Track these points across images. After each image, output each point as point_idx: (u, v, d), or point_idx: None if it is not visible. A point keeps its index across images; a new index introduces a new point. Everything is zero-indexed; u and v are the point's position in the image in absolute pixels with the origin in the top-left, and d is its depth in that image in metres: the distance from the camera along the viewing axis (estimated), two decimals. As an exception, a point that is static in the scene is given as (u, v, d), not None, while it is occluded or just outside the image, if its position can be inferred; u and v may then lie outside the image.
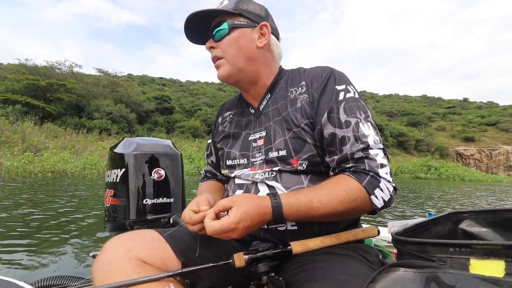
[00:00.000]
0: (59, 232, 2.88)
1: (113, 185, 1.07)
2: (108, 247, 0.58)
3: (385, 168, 0.61)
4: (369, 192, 0.59)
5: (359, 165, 0.61)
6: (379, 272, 0.43)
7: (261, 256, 0.58)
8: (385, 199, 0.60)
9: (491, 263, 0.34)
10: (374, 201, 0.59)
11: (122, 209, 1.04)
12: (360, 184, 0.59)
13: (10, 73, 17.45)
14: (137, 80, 42.31)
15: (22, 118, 13.86)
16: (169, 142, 1.20)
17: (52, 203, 4.27)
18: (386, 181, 0.60)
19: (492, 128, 46.61)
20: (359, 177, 0.60)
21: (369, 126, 0.65)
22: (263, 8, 0.77)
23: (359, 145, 0.62)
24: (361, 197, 0.59)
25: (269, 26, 0.74)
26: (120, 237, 0.61)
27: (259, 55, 0.75)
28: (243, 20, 0.72)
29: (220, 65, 0.74)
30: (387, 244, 0.88)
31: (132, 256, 0.56)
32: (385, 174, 0.60)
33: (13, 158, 8.80)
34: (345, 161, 0.63)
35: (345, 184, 0.60)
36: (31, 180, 6.89)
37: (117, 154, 1.10)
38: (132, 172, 1.05)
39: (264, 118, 0.76)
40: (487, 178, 26.86)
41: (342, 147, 0.63)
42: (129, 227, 1.02)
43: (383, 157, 0.62)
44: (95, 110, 18.29)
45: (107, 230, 1.10)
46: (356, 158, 0.62)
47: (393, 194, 0.61)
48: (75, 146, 12.62)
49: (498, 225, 0.52)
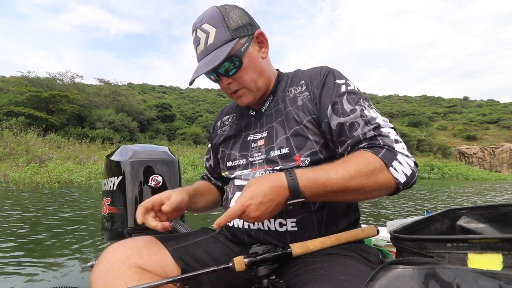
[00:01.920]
0: (62, 241, 2.87)
1: (110, 193, 1.07)
2: (106, 256, 0.57)
3: (400, 143, 0.60)
4: (387, 164, 0.56)
5: (373, 142, 0.60)
6: (378, 271, 0.43)
7: (261, 259, 0.57)
8: (407, 173, 0.57)
9: (489, 256, 0.34)
10: (394, 174, 0.56)
11: (120, 217, 1.04)
12: (376, 156, 0.57)
13: (13, 86, 17.68)
14: (137, 89, 42.66)
15: (26, 130, 13.98)
16: (165, 148, 1.20)
17: (61, 213, 4.27)
18: (403, 156, 0.58)
19: (494, 126, 46.39)
20: (374, 150, 0.58)
21: (374, 111, 0.65)
22: (244, 13, 0.72)
23: (370, 127, 0.62)
24: (379, 168, 0.56)
25: (264, 33, 0.73)
26: (118, 244, 0.61)
27: (265, 66, 0.75)
28: (243, 41, 0.69)
29: (242, 94, 0.73)
30: (387, 244, 0.88)
31: (131, 264, 0.56)
32: (401, 149, 0.59)
33: (19, 169, 8.85)
34: (358, 143, 0.62)
35: (361, 156, 0.58)
36: (39, 191, 6.91)
37: (113, 162, 1.10)
38: (129, 179, 1.05)
39: (266, 120, 0.76)
40: (491, 176, 26.62)
41: (353, 132, 0.63)
42: (127, 235, 1.01)
43: (396, 134, 0.62)
44: (97, 120, 18.44)
45: (105, 239, 1.08)
46: (369, 137, 0.61)
47: (415, 170, 0.59)
48: (79, 156, 12.68)
49: (496, 220, 0.52)
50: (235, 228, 0.72)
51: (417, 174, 0.60)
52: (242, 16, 0.71)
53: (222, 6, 0.70)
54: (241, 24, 0.69)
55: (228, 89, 0.74)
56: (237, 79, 0.71)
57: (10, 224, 3.53)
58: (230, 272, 0.55)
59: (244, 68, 0.69)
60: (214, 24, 0.67)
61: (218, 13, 0.68)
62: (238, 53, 0.68)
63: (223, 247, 0.72)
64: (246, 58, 0.69)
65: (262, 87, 0.75)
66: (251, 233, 0.69)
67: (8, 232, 3.16)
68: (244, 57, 0.69)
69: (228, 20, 0.68)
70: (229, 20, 0.68)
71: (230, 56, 0.67)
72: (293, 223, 0.66)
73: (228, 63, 0.68)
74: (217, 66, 0.66)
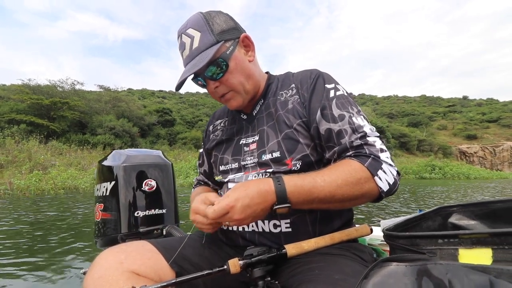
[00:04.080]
0: (60, 248, 2.85)
1: (103, 199, 1.05)
2: (99, 261, 0.56)
3: (385, 153, 0.62)
4: (372, 173, 0.58)
5: (359, 151, 0.61)
6: (372, 268, 0.43)
7: (256, 261, 0.57)
8: (390, 182, 0.59)
9: (479, 251, 0.34)
10: (378, 183, 0.58)
11: (113, 223, 1.01)
12: (362, 165, 0.58)
13: (14, 94, 17.78)
14: (137, 94, 42.81)
15: (27, 137, 14.03)
16: (159, 152, 1.18)
17: (68, 218, 4.26)
18: (388, 165, 0.60)
19: (494, 124, 46.30)
20: (361, 159, 0.59)
21: (362, 118, 0.66)
22: (229, 17, 0.72)
23: (357, 135, 0.63)
24: (364, 177, 0.57)
25: (250, 37, 0.73)
26: (111, 250, 0.60)
27: (253, 68, 0.75)
28: (229, 44, 0.69)
29: (231, 97, 0.73)
30: (381, 243, 0.88)
31: (125, 269, 0.55)
32: (386, 158, 0.61)
33: (22, 177, 8.86)
34: (345, 151, 0.63)
35: (347, 165, 0.59)
36: (45, 198, 6.92)
37: (105, 167, 1.08)
38: (122, 184, 1.03)
39: (258, 123, 0.76)
40: (492, 175, 26.51)
41: (340, 140, 0.64)
42: (121, 241, 0.99)
43: (381, 144, 0.63)
44: (98, 126, 18.51)
45: (98, 246, 1.06)
46: (356, 145, 0.62)
47: (397, 178, 0.61)
48: (81, 162, 12.71)
49: (486, 217, 0.52)
50: (230, 231, 0.72)
51: (399, 182, 0.62)
52: (227, 20, 0.71)
53: (207, 12, 0.70)
54: (225, 28, 0.69)
55: (216, 93, 0.73)
56: (224, 82, 0.70)
57: (26, 228, 3.52)
58: (225, 275, 0.55)
59: (231, 71, 0.69)
60: (199, 28, 0.67)
61: (202, 18, 0.68)
62: (223, 56, 0.67)
63: (217, 250, 0.71)
64: (232, 61, 0.69)
65: (251, 90, 0.75)
66: (246, 235, 0.69)
67: (23, 237, 3.15)
68: (230, 60, 0.68)
69: (213, 24, 0.68)
70: (213, 24, 0.68)
71: (216, 58, 0.67)
72: (287, 224, 0.65)
73: (214, 67, 0.68)
74: (202, 68, 0.66)
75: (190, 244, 0.69)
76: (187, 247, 0.68)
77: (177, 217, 1.14)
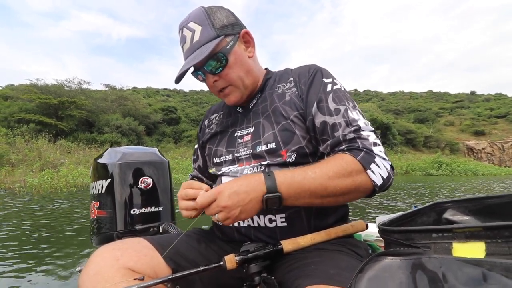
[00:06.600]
0: (56, 245, 2.86)
1: (99, 196, 1.04)
2: (95, 258, 0.56)
3: (379, 147, 0.61)
4: (365, 166, 0.57)
5: (352, 145, 0.61)
6: (367, 262, 0.43)
7: (253, 257, 0.57)
8: (383, 176, 0.58)
9: (472, 245, 0.34)
10: (372, 177, 0.57)
11: (109, 221, 1.01)
12: (354, 158, 0.58)
13: (23, 94, 18.15)
14: (142, 93, 43.18)
15: (37, 136, 14.31)
16: (155, 150, 1.18)
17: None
18: (381, 158, 0.59)
19: (502, 120, 45.33)
20: (353, 153, 0.59)
21: (357, 113, 0.66)
22: (230, 13, 0.73)
23: (351, 128, 0.63)
24: (356, 170, 0.57)
25: (250, 33, 0.74)
26: (107, 246, 0.60)
27: (252, 64, 0.75)
28: (229, 39, 0.69)
29: (229, 92, 0.73)
30: (376, 239, 0.88)
31: (121, 266, 0.55)
32: (380, 152, 0.60)
33: (34, 175, 9.06)
34: (338, 144, 0.63)
35: (339, 158, 0.59)
36: (59, 194, 7.06)
37: (100, 165, 1.07)
38: (117, 182, 1.02)
39: (253, 115, 0.76)
40: (500, 172, 26.00)
41: (334, 133, 0.64)
42: (116, 239, 0.98)
43: (375, 138, 0.63)
44: (105, 125, 18.78)
45: (94, 244, 1.06)
46: (349, 139, 0.62)
47: (391, 173, 0.60)
48: (89, 160, 12.92)
49: (480, 212, 0.52)
50: (226, 226, 0.72)
51: (393, 177, 0.61)
52: (228, 15, 0.72)
53: (209, 6, 0.71)
54: (226, 23, 0.70)
55: (215, 87, 0.74)
56: (224, 76, 0.71)
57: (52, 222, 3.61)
58: (221, 271, 0.55)
59: (230, 65, 0.69)
60: (200, 22, 0.68)
61: (204, 12, 0.69)
62: (223, 50, 0.68)
63: (214, 246, 0.72)
64: (232, 56, 0.69)
65: (249, 85, 0.75)
66: (241, 230, 0.69)
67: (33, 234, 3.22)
68: (230, 55, 0.69)
69: (214, 19, 0.69)
70: (214, 19, 0.69)
71: (216, 52, 0.67)
72: (283, 218, 0.65)
73: (214, 61, 0.68)
74: (202, 60, 0.66)
75: (186, 241, 0.70)
76: (183, 243, 0.68)
77: (174, 214, 1.14)
